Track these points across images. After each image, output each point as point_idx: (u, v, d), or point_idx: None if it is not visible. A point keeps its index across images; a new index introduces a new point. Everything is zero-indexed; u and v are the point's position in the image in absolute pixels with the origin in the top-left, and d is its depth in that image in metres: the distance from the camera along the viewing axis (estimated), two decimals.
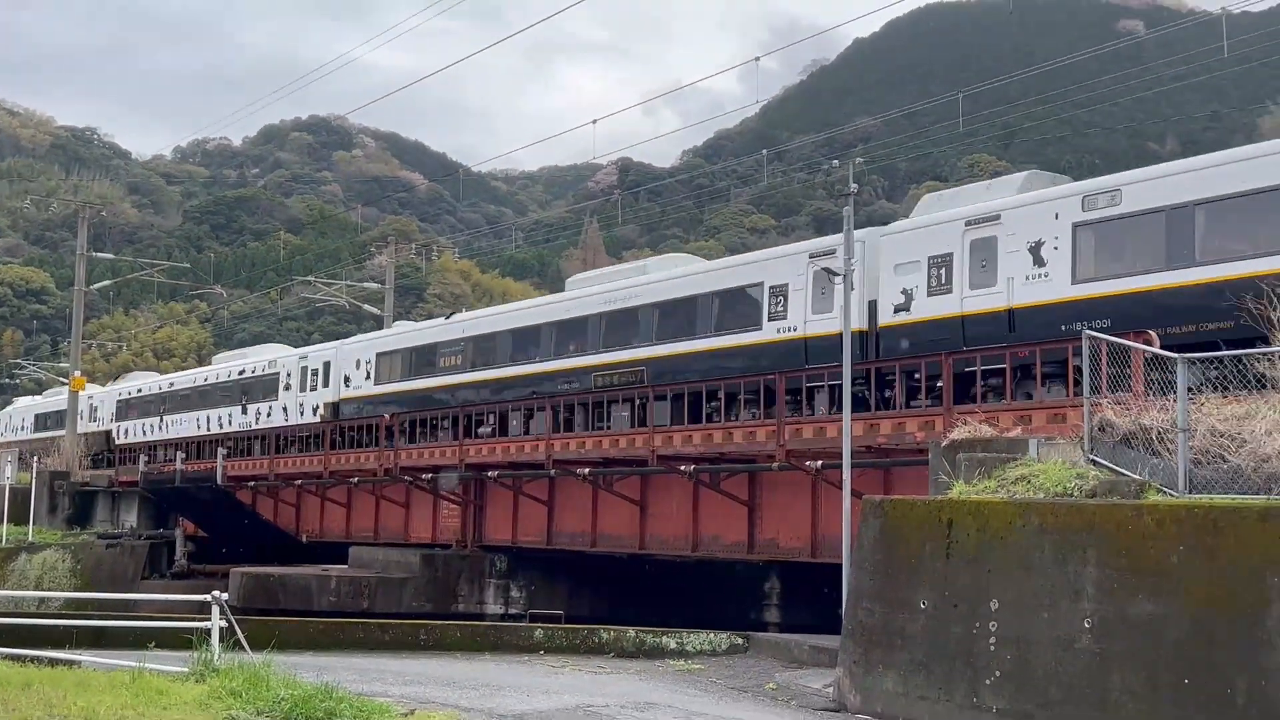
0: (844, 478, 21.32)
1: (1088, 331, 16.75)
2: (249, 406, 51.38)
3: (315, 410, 46.26)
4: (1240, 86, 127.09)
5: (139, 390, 63.85)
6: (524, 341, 36.60)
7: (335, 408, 45.22)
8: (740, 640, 23.81)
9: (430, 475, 36.28)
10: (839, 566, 20.41)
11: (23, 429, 75.45)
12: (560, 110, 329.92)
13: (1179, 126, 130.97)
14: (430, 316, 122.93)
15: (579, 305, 34.77)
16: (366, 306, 66.11)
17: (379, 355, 43.81)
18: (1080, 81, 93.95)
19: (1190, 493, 13.94)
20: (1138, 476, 14.75)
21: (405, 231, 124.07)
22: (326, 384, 46.06)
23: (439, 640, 23.22)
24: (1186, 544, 13.07)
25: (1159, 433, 14.76)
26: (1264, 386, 14.41)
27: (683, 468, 28.00)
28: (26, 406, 79.82)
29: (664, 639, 23.22)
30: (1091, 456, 15.76)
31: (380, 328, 53.82)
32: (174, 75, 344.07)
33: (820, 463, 24.29)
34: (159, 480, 49.23)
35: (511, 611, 35.02)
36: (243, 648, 15.08)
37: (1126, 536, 13.61)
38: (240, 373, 53.34)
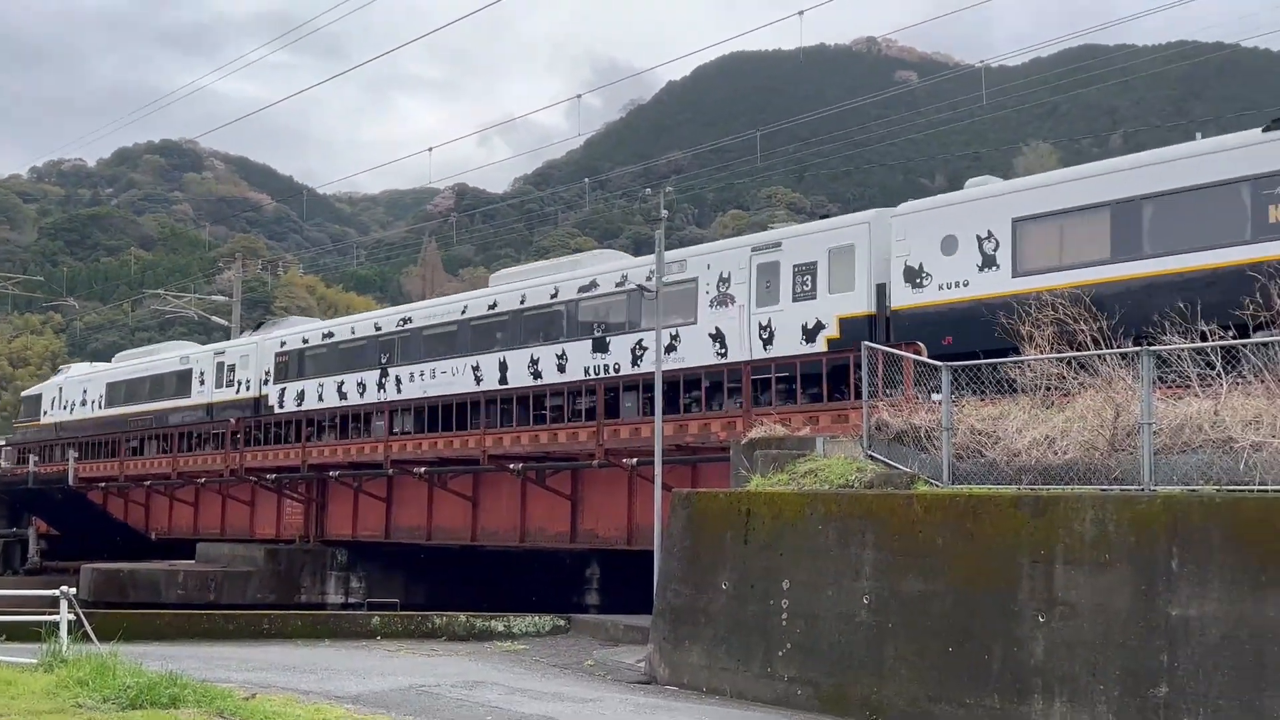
0: (656, 473, 21.49)
1: (865, 343, 17.17)
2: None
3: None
4: (998, 130, 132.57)
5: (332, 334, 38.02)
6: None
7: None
8: (562, 622, 23.75)
9: (274, 476, 35.35)
10: (652, 553, 20.52)
11: (82, 405, 51.14)
12: (399, 139, 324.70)
13: (946, 165, 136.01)
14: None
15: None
16: (215, 318, 64.16)
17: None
18: (863, 123, 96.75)
19: (953, 483, 14.36)
20: (908, 470, 15.16)
21: (253, 248, 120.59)
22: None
23: (281, 629, 22.55)
24: (950, 529, 13.48)
25: (927, 431, 15.19)
26: (1015, 390, 14.97)
27: (512, 466, 27.91)
28: (86, 375, 53.19)
29: (492, 622, 23.01)
30: (869, 452, 16.12)
31: (229, 338, 51.43)
32: (28, 99, 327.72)
33: (636, 460, 24.42)
34: (13, 481, 47.17)
35: (351, 601, 34.29)
36: (91, 640, 14.41)
37: (899, 523, 13.97)
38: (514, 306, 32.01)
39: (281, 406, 38.03)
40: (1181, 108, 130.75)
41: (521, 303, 30.59)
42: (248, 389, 39.84)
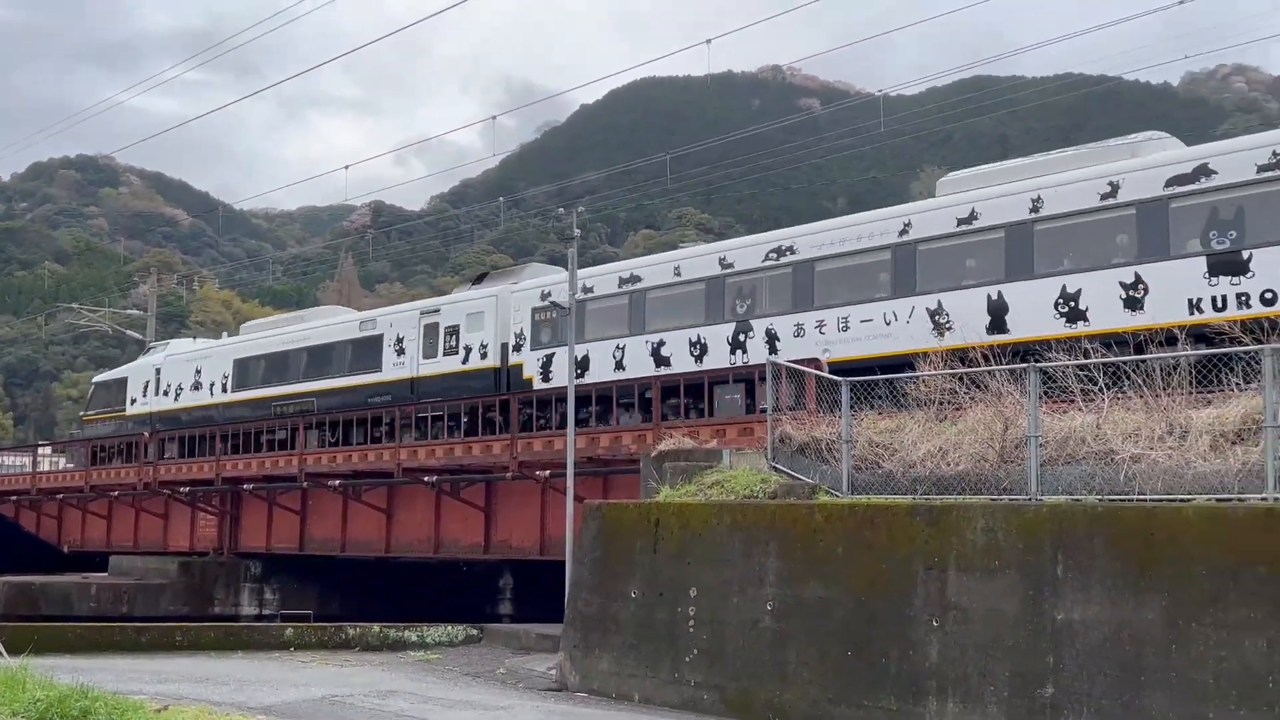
0: (568, 485, 21.42)
1: (771, 358, 17.31)
2: None
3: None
4: (896, 156, 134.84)
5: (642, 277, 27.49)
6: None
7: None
8: (475, 631, 23.54)
9: (188, 489, 34.60)
10: (564, 563, 20.45)
11: (195, 389, 39.64)
12: (317, 157, 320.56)
13: (847, 188, 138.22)
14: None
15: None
16: (130, 332, 62.69)
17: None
18: (768, 148, 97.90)
19: (852, 494, 14.54)
20: (810, 480, 15.32)
21: (168, 263, 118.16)
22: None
23: (194, 641, 22.00)
24: (849, 537, 13.60)
25: (827, 443, 15.36)
26: (911, 405, 15.21)
27: (426, 479, 27.65)
28: (199, 352, 41.10)
29: (406, 632, 22.71)
30: (773, 464, 16.25)
31: (143, 353, 49.37)
32: None
33: (548, 472, 24.32)
34: None
35: (265, 612, 33.62)
36: (1, 654, 13.91)
37: (801, 532, 14.06)
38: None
39: (547, 379, 27.83)
40: (1068, 136, 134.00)
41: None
42: (482, 357, 29.75)
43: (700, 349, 24.66)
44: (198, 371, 39.63)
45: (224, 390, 38.13)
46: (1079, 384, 13.54)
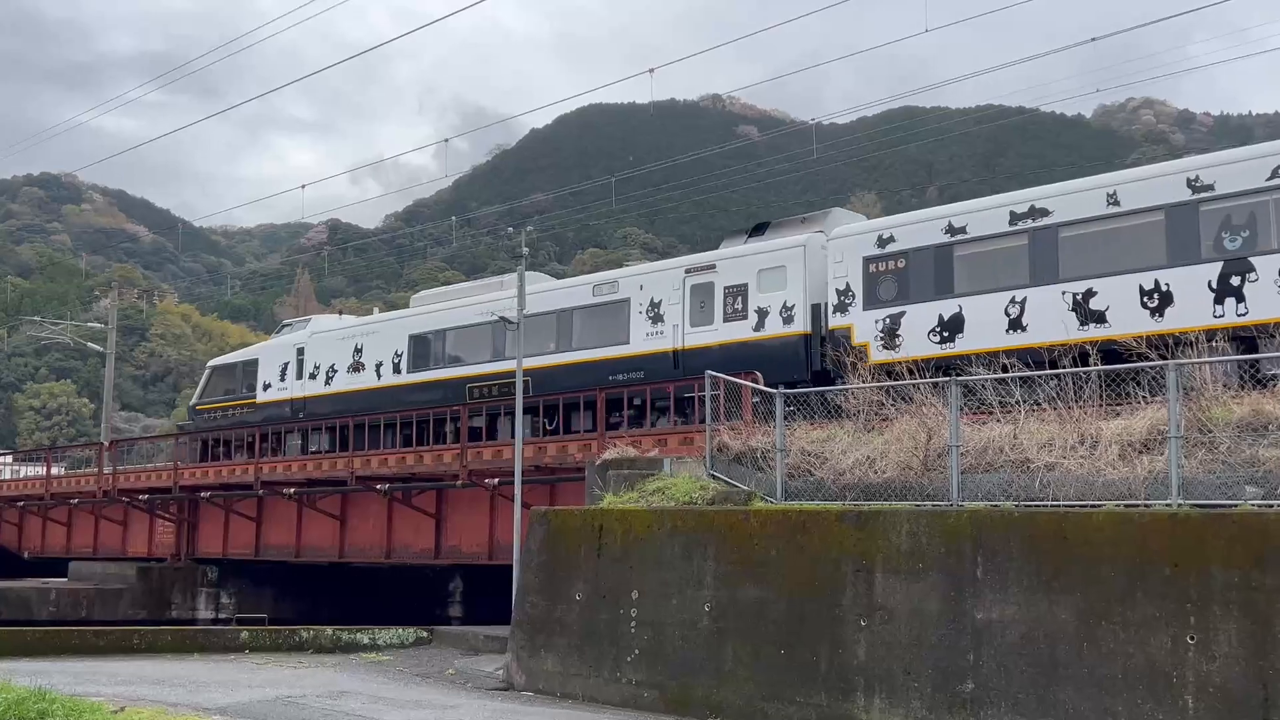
0: (516, 493, 21.33)
1: (710, 372, 17.36)
2: None
3: None
4: (829, 181, 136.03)
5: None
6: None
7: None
8: (425, 634, 23.29)
9: (146, 497, 34.01)
10: (512, 567, 20.33)
11: (354, 370, 32.56)
12: (275, 176, 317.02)
13: (782, 211, 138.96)
14: (153, 356, 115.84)
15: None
16: (91, 344, 61.45)
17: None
18: (709, 172, 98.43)
19: (786, 500, 14.58)
20: (746, 488, 15.35)
21: (129, 278, 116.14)
22: None
23: (151, 644, 21.53)
24: (783, 541, 13.65)
25: (763, 452, 15.42)
26: (841, 415, 15.32)
27: (379, 487, 27.36)
28: (358, 328, 33.84)
29: (358, 635, 22.42)
30: (712, 472, 16.27)
31: (104, 365, 46.85)
32: None
33: (497, 480, 24.20)
34: None
35: (222, 616, 33.08)
36: None
37: (737, 536, 14.10)
38: None
39: (892, 346, 21.33)
40: (989, 163, 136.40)
41: None
42: (785, 321, 23.48)
43: (1160, 299, 18.54)
44: (358, 350, 32.35)
45: (396, 371, 31.27)
46: (997, 397, 13.72)
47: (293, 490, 29.47)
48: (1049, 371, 14.01)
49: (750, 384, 17.26)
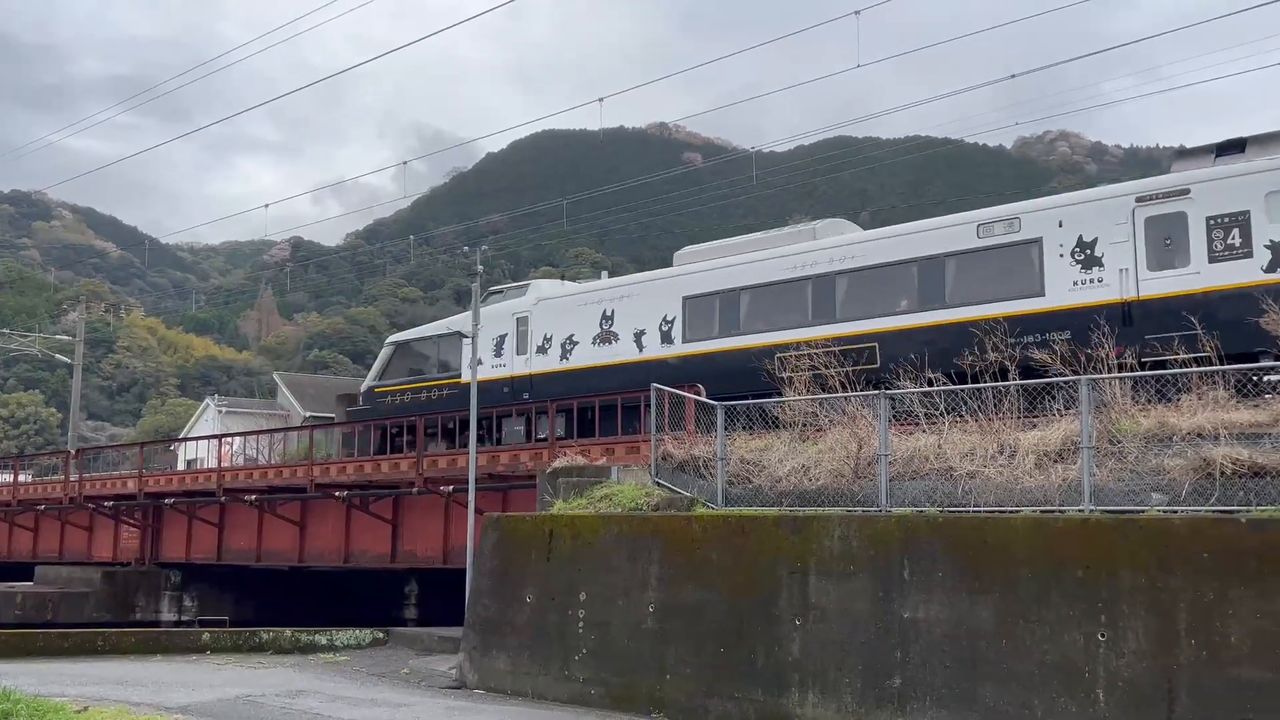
0: (470, 499, 21.17)
1: (655, 385, 17.37)
2: None
3: None
4: (768, 205, 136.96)
5: None
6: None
7: None
8: (381, 635, 23.01)
9: (111, 503, 33.34)
10: (465, 570, 20.17)
11: (602, 341, 25.81)
12: (240, 195, 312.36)
13: (725, 233, 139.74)
14: (119, 367, 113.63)
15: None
16: (59, 356, 60.18)
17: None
18: (655, 195, 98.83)
19: (726, 506, 14.63)
20: (689, 494, 15.37)
21: (97, 292, 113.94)
22: None
23: (115, 645, 21.08)
24: (723, 545, 13.69)
25: (704, 461, 15.46)
26: (778, 426, 15.40)
27: (337, 494, 27.05)
28: (610, 291, 26.65)
29: (316, 636, 22.10)
30: (656, 479, 16.28)
31: (71, 377, 45.02)
32: None
33: (452, 487, 23.99)
34: None
35: (184, 619, 32.48)
36: None
37: (680, 540, 14.11)
38: None
39: None
40: (917, 190, 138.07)
41: None
42: None
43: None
44: (606, 318, 25.52)
45: (666, 341, 24.44)
46: (923, 409, 13.86)
47: (254, 497, 29.04)
48: (970, 385, 14.18)
49: (692, 395, 17.30)
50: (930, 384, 14.38)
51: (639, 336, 25.02)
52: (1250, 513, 10.36)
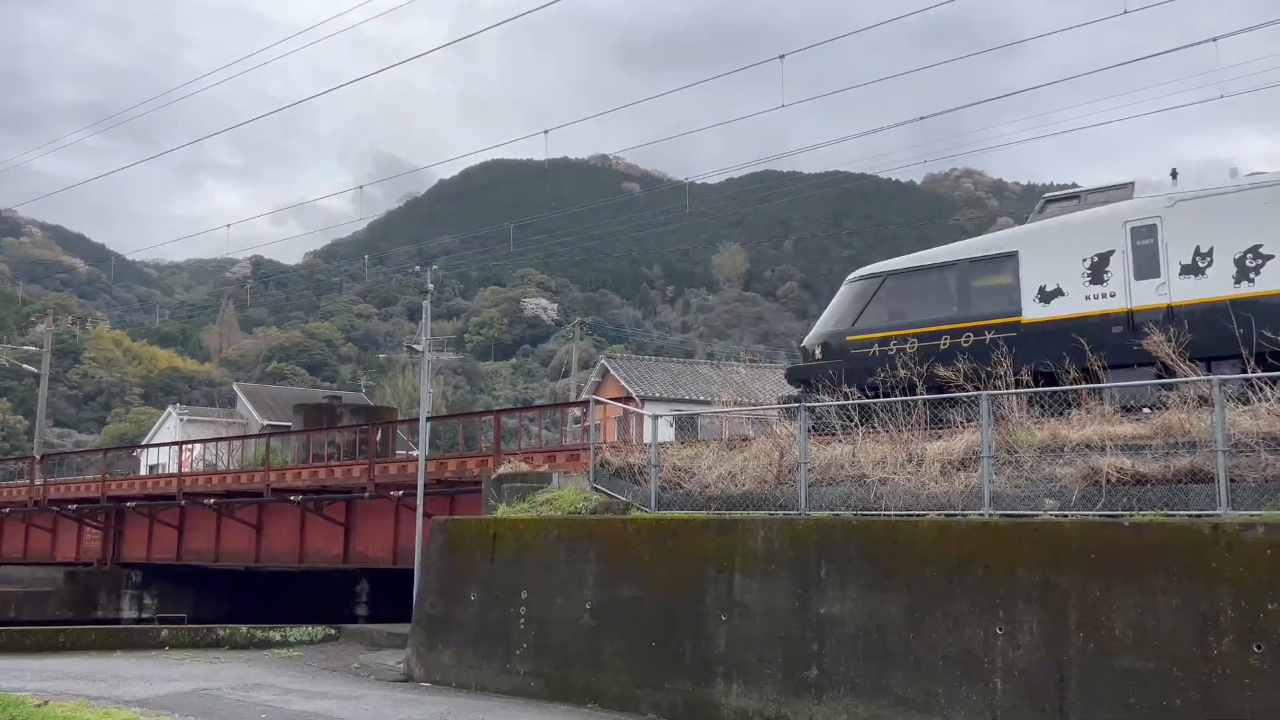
0: (418, 503, 20.89)
1: (591, 397, 17.30)
2: None
3: None
4: (701, 232, 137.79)
5: None
6: None
7: None
8: (333, 631, 22.59)
9: (75, 506, 32.36)
10: (414, 571, 19.87)
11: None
12: (204, 215, 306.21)
13: (661, 258, 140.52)
14: (85, 377, 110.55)
15: None
16: (26, 366, 58.36)
17: None
18: (596, 222, 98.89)
19: (659, 510, 14.60)
20: (625, 499, 15.31)
21: (65, 306, 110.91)
22: None
23: (76, 642, 20.41)
24: (655, 546, 13.64)
25: (639, 468, 15.42)
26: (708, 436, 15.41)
27: (293, 498, 26.56)
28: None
29: (270, 633, 21.62)
30: (595, 485, 16.20)
31: (39, 386, 44.24)
32: None
33: (402, 492, 23.68)
34: None
35: (145, 616, 31.63)
36: None
37: (616, 542, 14.04)
38: None
39: None
40: (836, 221, 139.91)
41: None
42: None
43: None
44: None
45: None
46: (840, 421, 13.95)
47: (212, 501, 28.40)
48: (883, 400, 14.31)
49: (631, 409, 17.27)
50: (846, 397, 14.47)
51: None
52: (1132, 516, 10.56)
